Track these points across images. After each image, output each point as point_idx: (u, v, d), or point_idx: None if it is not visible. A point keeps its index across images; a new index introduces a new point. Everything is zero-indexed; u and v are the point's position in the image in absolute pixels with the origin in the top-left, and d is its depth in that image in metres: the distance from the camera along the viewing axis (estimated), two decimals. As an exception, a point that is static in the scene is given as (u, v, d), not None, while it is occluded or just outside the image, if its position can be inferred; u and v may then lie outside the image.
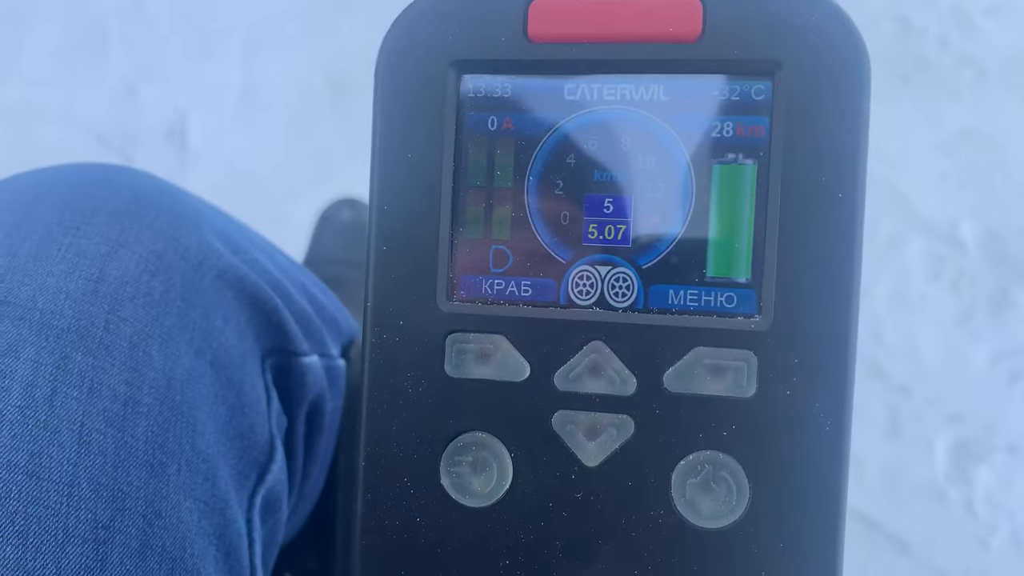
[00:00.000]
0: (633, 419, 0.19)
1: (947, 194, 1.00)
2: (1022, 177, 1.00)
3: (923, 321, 0.94)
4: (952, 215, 0.98)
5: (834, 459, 0.18)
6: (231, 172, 1.08)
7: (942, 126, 1.03)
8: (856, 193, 0.18)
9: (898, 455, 0.88)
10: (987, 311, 0.94)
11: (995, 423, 0.88)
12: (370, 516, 0.19)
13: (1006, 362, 0.91)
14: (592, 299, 0.19)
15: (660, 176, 0.19)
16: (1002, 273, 0.95)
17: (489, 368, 0.19)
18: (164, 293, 0.29)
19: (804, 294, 0.18)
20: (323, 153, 1.06)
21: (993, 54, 1.06)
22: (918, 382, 0.91)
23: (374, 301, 0.19)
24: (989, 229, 0.97)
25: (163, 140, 1.13)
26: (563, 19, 0.19)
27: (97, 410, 0.25)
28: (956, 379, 0.91)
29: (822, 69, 0.18)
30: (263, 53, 1.13)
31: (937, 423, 0.89)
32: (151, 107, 1.14)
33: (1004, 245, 0.96)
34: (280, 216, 0.97)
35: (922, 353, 0.92)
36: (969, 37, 1.08)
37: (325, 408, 0.37)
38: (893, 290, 0.95)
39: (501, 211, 0.20)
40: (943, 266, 0.96)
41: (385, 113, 0.20)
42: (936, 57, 1.07)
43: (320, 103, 1.08)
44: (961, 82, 1.05)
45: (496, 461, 0.19)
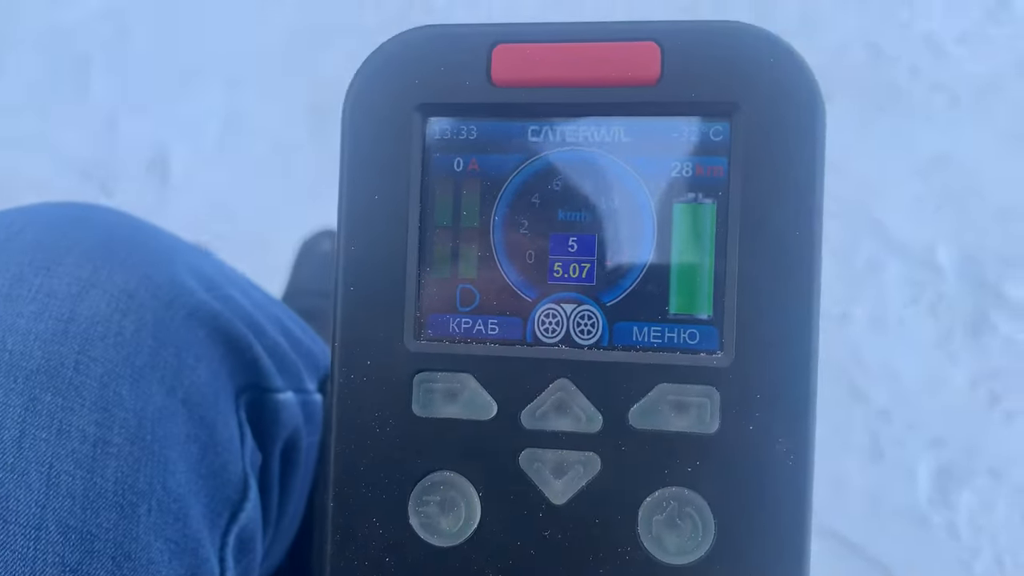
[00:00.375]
0: (599, 456, 0.19)
1: (923, 219, 1.01)
2: (995, 201, 1.01)
3: (902, 345, 0.94)
4: (928, 239, 0.99)
5: (798, 493, 0.18)
6: (213, 204, 1.08)
7: (916, 152, 1.05)
8: (813, 230, 0.18)
9: (880, 479, 0.89)
10: (965, 334, 0.95)
11: (976, 446, 0.89)
12: (339, 557, 0.19)
13: (985, 385, 0.92)
14: (558, 337, 0.19)
15: (623, 215, 0.19)
16: (979, 296, 0.96)
17: (456, 407, 0.19)
18: (135, 332, 0.29)
19: (764, 330, 0.18)
20: (304, 185, 1.06)
21: (965, 81, 1.08)
22: (899, 406, 0.91)
23: (342, 341, 0.20)
24: (965, 253, 0.98)
25: (144, 172, 1.13)
26: (525, 63, 0.19)
27: (66, 451, 0.25)
28: (937, 403, 0.91)
29: (777, 110, 0.18)
30: (245, 85, 1.14)
31: (919, 447, 0.89)
32: (133, 139, 1.14)
33: (980, 269, 0.98)
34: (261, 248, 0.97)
35: (902, 377, 0.93)
36: (941, 64, 1.10)
37: (301, 444, 0.37)
38: (872, 314, 0.96)
39: (468, 251, 0.20)
40: (921, 290, 0.97)
41: (352, 155, 0.20)
42: (909, 84, 1.09)
43: (301, 135, 1.08)
44: (934, 108, 1.07)
45: (464, 500, 0.19)
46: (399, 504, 0.19)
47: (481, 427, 0.19)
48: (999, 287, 0.96)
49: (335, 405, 0.20)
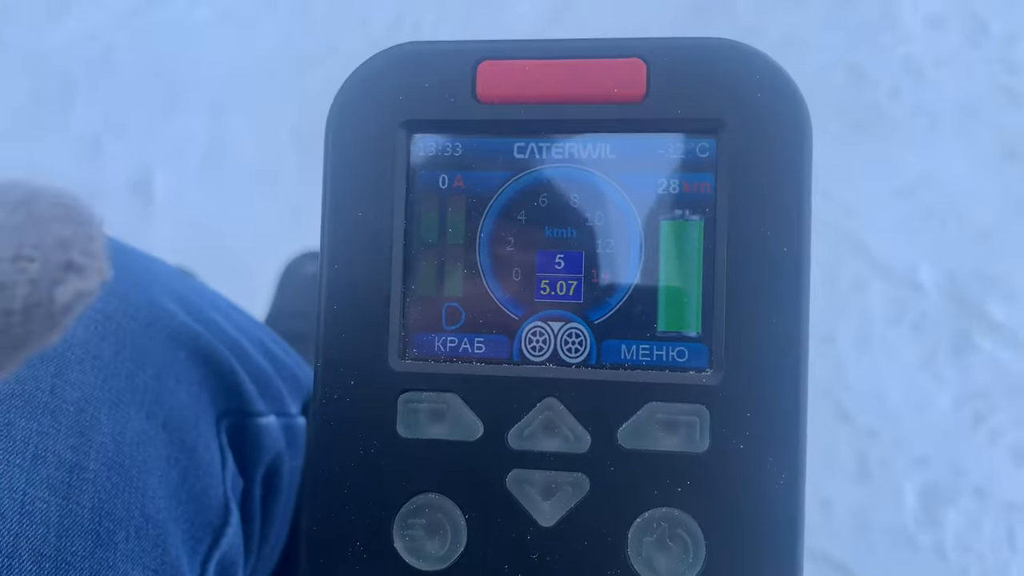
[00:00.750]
0: (588, 477, 0.18)
1: (905, 239, 1.01)
2: (975, 222, 1.02)
3: (887, 365, 0.95)
4: (911, 260, 1.00)
5: (790, 513, 0.18)
6: (196, 227, 1.08)
7: (898, 173, 1.06)
8: (801, 246, 0.18)
9: (867, 499, 0.89)
10: (949, 354, 0.95)
11: (962, 466, 0.89)
12: None
13: (970, 404, 0.92)
14: (545, 355, 0.19)
15: (609, 232, 0.19)
16: (962, 316, 0.97)
17: (442, 428, 0.19)
18: (114, 355, 0.28)
19: (754, 347, 0.18)
20: (289, 207, 1.06)
21: (944, 103, 1.10)
22: (884, 425, 0.91)
23: (325, 360, 0.19)
24: (947, 273, 0.99)
25: (128, 194, 1.12)
26: (511, 80, 0.19)
27: (41, 477, 0.25)
28: (922, 422, 0.91)
29: (764, 126, 0.18)
30: (230, 108, 1.13)
31: (905, 467, 0.89)
32: (116, 161, 1.13)
33: (962, 288, 0.98)
34: (245, 270, 0.97)
35: (887, 396, 0.93)
36: (921, 87, 1.11)
37: (283, 469, 0.37)
38: (856, 334, 0.96)
39: (453, 268, 0.20)
40: (904, 310, 0.97)
41: (336, 172, 0.20)
42: (890, 106, 1.10)
43: (286, 158, 1.08)
44: (915, 130, 1.08)
45: (450, 523, 0.19)
46: (383, 527, 0.19)
47: (467, 448, 0.19)
48: (981, 306, 0.97)
49: (317, 426, 0.19)
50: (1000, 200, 1.03)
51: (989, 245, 1.00)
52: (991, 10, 1.17)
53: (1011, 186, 1.04)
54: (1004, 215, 1.02)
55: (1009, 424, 0.90)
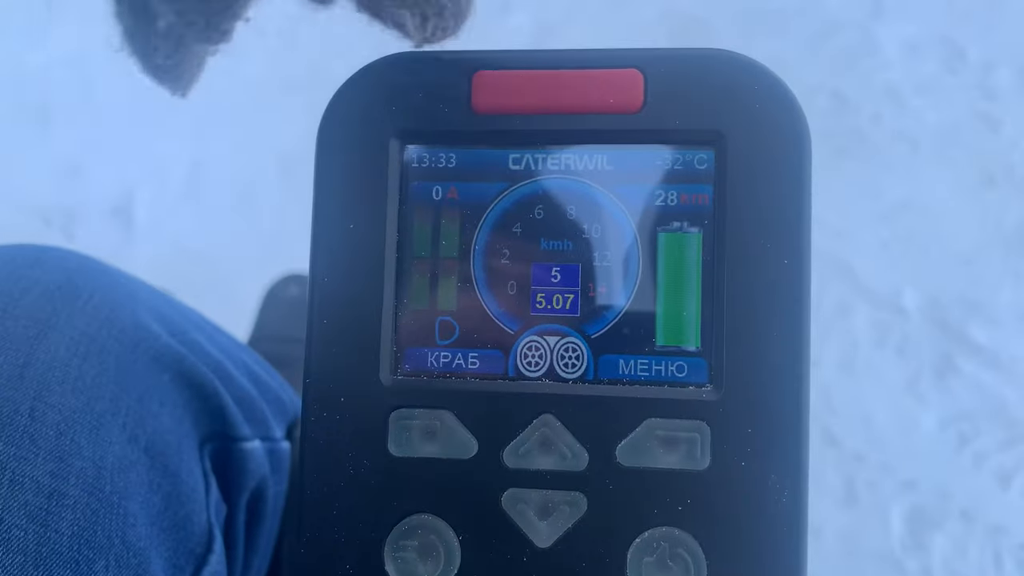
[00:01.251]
0: (586, 496, 0.18)
1: (889, 263, 1.02)
2: (956, 246, 1.03)
3: (872, 388, 0.95)
4: (895, 283, 1.01)
5: (793, 531, 0.17)
6: (177, 249, 1.07)
7: (881, 198, 1.07)
8: (802, 259, 0.18)
9: (854, 523, 0.88)
10: (933, 376, 0.96)
11: (948, 489, 0.89)
12: None
13: (954, 427, 0.92)
14: (541, 370, 0.19)
15: (607, 244, 0.19)
16: (944, 339, 0.98)
17: (435, 446, 0.18)
18: (96, 377, 0.27)
19: (755, 361, 0.18)
20: (271, 231, 1.05)
21: (925, 129, 1.11)
22: (871, 449, 0.91)
23: (314, 377, 0.19)
24: (930, 296, 1.00)
25: (109, 217, 1.11)
26: (507, 90, 0.19)
27: (18, 504, 0.24)
28: (907, 445, 0.91)
29: (763, 138, 0.18)
30: (212, 130, 1.13)
31: (892, 490, 0.89)
32: (97, 184, 1.12)
33: (944, 312, 0.99)
34: (226, 293, 0.96)
35: (873, 419, 0.93)
36: (902, 113, 1.13)
37: (267, 495, 0.36)
38: (841, 357, 0.97)
39: (447, 281, 0.19)
40: (888, 333, 0.98)
41: (326, 182, 0.19)
42: (871, 131, 1.12)
43: (269, 181, 1.07)
44: (896, 155, 1.10)
45: (443, 544, 0.18)
46: (375, 549, 0.18)
47: (461, 466, 0.18)
48: (963, 330, 0.97)
49: (306, 444, 0.19)
50: (980, 225, 1.05)
51: (970, 269, 1.01)
52: (968, 37, 1.19)
53: (990, 211, 1.05)
54: (985, 240, 1.03)
55: (993, 447, 0.91)
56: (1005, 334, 0.97)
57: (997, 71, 1.15)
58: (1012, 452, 0.90)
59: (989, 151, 1.09)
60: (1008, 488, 0.88)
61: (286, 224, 1.03)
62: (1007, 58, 1.15)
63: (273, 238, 1.03)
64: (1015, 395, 0.93)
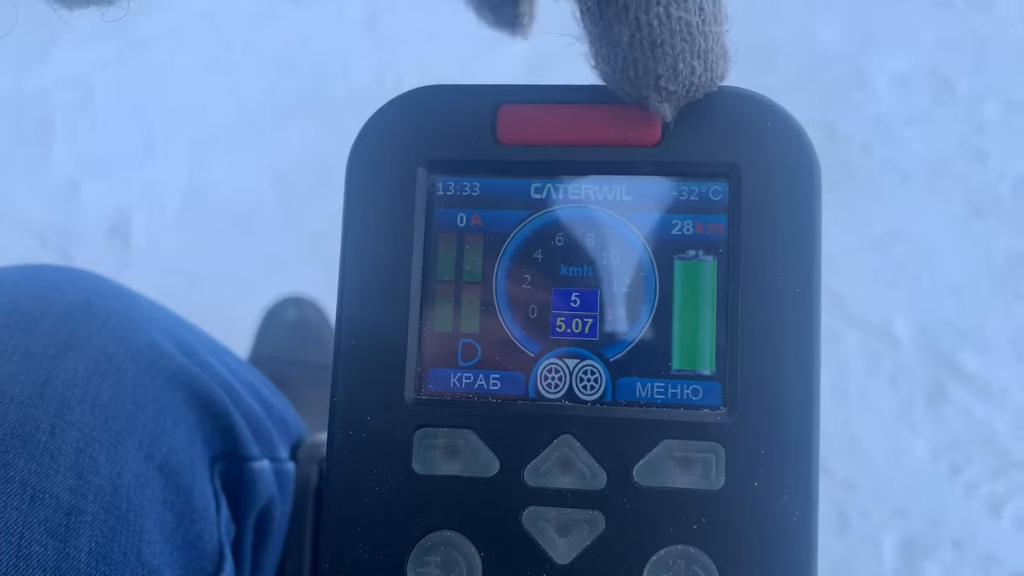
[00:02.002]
0: (604, 514, 0.18)
1: (879, 292, 1.03)
2: (946, 275, 1.04)
3: (864, 416, 0.95)
4: (886, 312, 1.01)
5: (804, 549, 0.18)
6: (174, 271, 1.07)
7: (871, 228, 1.08)
8: (812, 287, 0.18)
9: (847, 551, 0.88)
10: (925, 405, 0.96)
11: (939, 517, 0.89)
12: None
13: (946, 455, 0.93)
14: (561, 392, 0.19)
15: (624, 271, 0.19)
16: (936, 368, 0.98)
17: (457, 464, 0.19)
18: (113, 396, 0.28)
19: (768, 385, 0.18)
20: (268, 253, 1.06)
21: (914, 160, 1.13)
22: (862, 477, 0.92)
23: (341, 396, 0.19)
24: (921, 325, 1.01)
25: (105, 238, 1.11)
26: (530, 123, 0.19)
27: (38, 520, 0.24)
28: (899, 473, 0.92)
29: (775, 171, 0.19)
30: (210, 152, 1.14)
31: (883, 518, 0.89)
32: (93, 204, 1.12)
33: (936, 340, 1.00)
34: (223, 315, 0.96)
35: (865, 448, 0.93)
36: (891, 144, 1.14)
37: (275, 515, 0.36)
38: (833, 386, 0.97)
39: (470, 305, 0.20)
40: (880, 361, 0.99)
41: (355, 208, 0.20)
42: (861, 163, 1.13)
43: (266, 203, 1.08)
44: (886, 186, 1.11)
45: (465, 561, 0.19)
46: (397, 565, 0.19)
47: (483, 484, 0.19)
48: (954, 358, 0.98)
49: (331, 462, 0.19)
50: (970, 256, 1.06)
51: (960, 299, 1.02)
52: (957, 71, 1.21)
53: (979, 242, 1.06)
54: (974, 270, 1.05)
55: (984, 475, 0.91)
56: (995, 363, 0.97)
57: (985, 104, 1.17)
58: (1003, 481, 0.91)
59: (978, 182, 1.10)
60: (999, 517, 0.89)
61: (283, 247, 1.04)
62: (995, 91, 1.17)
63: (270, 260, 1.04)
64: (1006, 424, 0.94)
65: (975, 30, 1.26)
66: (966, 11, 1.28)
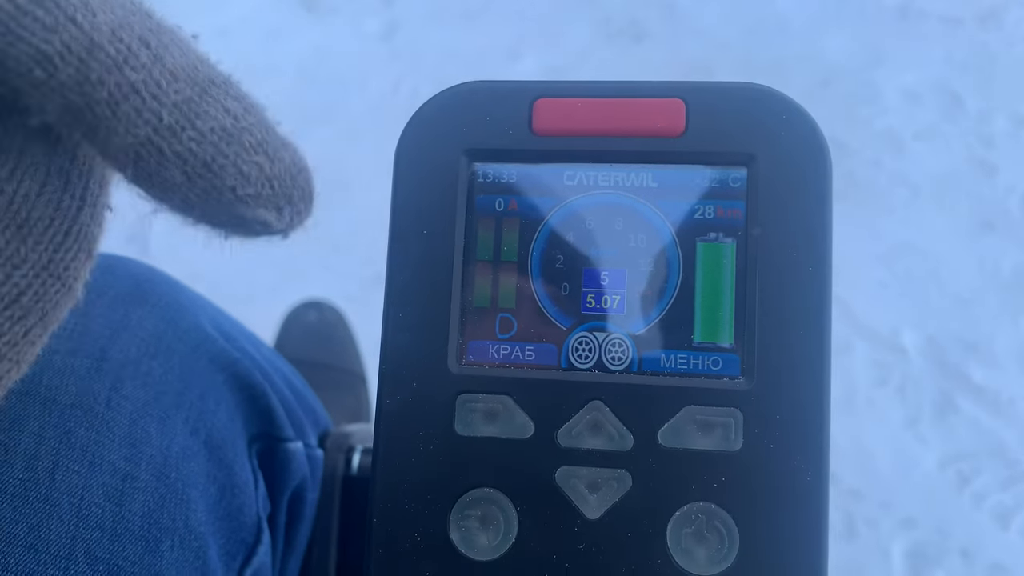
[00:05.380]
0: (631, 473, 0.20)
1: (888, 303, 1.04)
2: (954, 287, 1.05)
3: (872, 426, 0.96)
4: (894, 323, 1.02)
5: (816, 506, 0.19)
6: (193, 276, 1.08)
7: (880, 240, 1.09)
8: (824, 266, 0.20)
9: (855, 559, 0.89)
10: (933, 416, 0.97)
11: (947, 527, 0.89)
12: (381, 570, 0.20)
13: (954, 466, 0.93)
14: (591, 362, 0.21)
15: (650, 252, 0.21)
16: (943, 379, 0.99)
17: (496, 427, 0.21)
18: (163, 374, 0.30)
19: (783, 356, 0.20)
20: (286, 258, 1.07)
21: (923, 174, 1.14)
22: (871, 486, 0.92)
23: (389, 364, 0.21)
24: (929, 336, 1.01)
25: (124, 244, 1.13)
26: (565, 115, 0.21)
27: (97, 484, 0.26)
28: (907, 483, 0.92)
29: (790, 160, 0.21)
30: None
31: (891, 527, 0.90)
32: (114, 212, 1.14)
33: (943, 352, 1.00)
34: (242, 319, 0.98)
35: (873, 457, 0.94)
36: (901, 158, 1.15)
37: (307, 496, 0.38)
38: (841, 395, 0.98)
39: (507, 283, 0.21)
40: (888, 372, 0.99)
41: (402, 193, 0.22)
42: (871, 176, 1.14)
43: (285, 211, 1.09)
44: (895, 199, 1.12)
45: (503, 515, 0.20)
46: (440, 519, 0.20)
47: (519, 446, 0.20)
48: (962, 370, 0.99)
49: (379, 426, 0.21)
50: (978, 268, 1.06)
51: (969, 311, 1.03)
52: (967, 87, 1.22)
53: (988, 255, 1.07)
54: (982, 283, 1.05)
55: (992, 486, 0.92)
56: (1003, 375, 0.98)
57: (994, 119, 1.18)
58: (1011, 491, 0.91)
59: (986, 196, 1.11)
60: (1007, 527, 0.89)
61: (302, 252, 1.05)
62: (1004, 107, 1.18)
63: (287, 269, 1.06)
64: (1014, 435, 0.94)
65: (984, 46, 1.27)
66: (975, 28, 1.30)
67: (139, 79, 0.14)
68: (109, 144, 0.15)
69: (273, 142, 0.16)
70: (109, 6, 0.14)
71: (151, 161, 0.15)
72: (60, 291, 0.15)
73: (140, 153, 0.15)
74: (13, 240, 0.14)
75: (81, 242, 0.16)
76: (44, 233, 0.15)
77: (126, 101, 0.14)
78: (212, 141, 0.15)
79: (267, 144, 0.16)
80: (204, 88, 0.15)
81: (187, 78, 0.15)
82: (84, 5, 0.14)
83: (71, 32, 0.13)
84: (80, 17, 0.14)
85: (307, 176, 0.16)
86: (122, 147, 0.15)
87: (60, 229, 0.15)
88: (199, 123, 0.15)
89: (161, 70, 0.15)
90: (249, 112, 0.16)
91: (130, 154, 0.15)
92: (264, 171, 0.16)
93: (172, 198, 0.15)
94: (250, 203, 0.15)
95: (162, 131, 0.15)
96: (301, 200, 0.16)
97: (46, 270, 0.15)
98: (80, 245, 0.16)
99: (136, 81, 0.14)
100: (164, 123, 0.15)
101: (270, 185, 0.16)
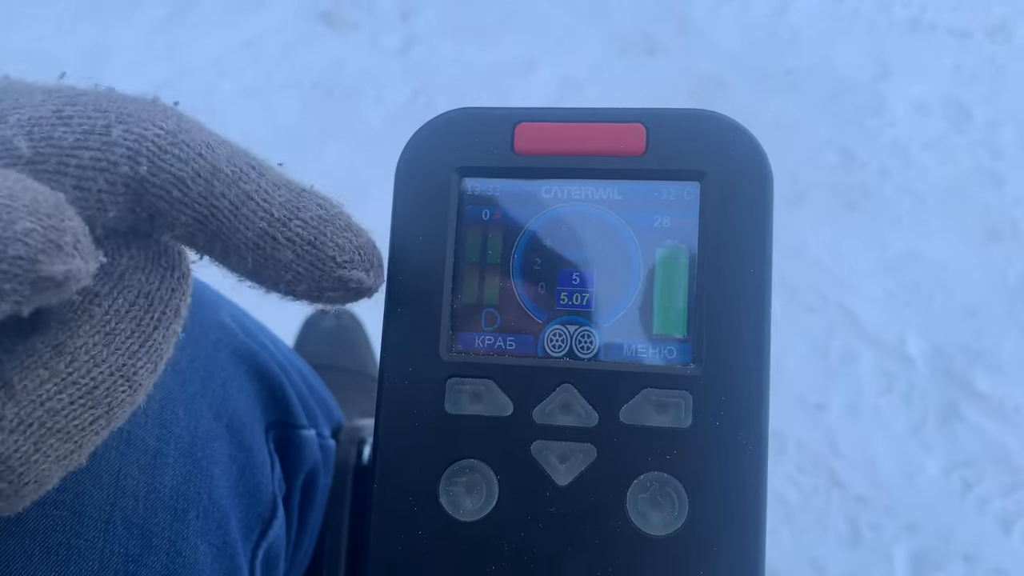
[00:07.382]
0: (596, 446, 0.23)
1: (894, 312, 1.05)
2: (960, 296, 1.06)
3: (878, 433, 0.97)
4: (900, 332, 1.03)
5: (755, 476, 0.22)
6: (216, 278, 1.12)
7: (887, 249, 1.10)
8: (764, 268, 0.23)
9: (859, 564, 0.90)
10: (937, 423, 0.97)
11: (950, 533, 0.89)
12: (381, 528, 0.24)
13: (958, 472, 0.93)
14: (563, 351, 0.24)
15: (615, 256, 0.24)
16: (948, 387, 0.99)
17: (480, 406, 0.24)
18: (189, 363, 0.33)
19: (728, 346, 0.23)
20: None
21: (930, 184, 1.15)
22: (875, 492, 0.92)
23: (389, 352, 0.24)
24: (935, 345, 1.02)
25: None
26: (542, 137, 0.25)
27: (132, 459, 0.29)
28: (911, 489, 0.93)
29: (737, 176, 0.24)
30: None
31: (895, 532, 0.90)
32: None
33: (949, 360, 1.01)
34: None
35: (878, 463, 0.94)
36: (908, 168, 1.17)
37: (319, 482, 0.41)
38: (847, 403, 0.99)
39: (492, 282, 0.25)
40: (894, 380, 1.00)
41: (401, 205, 0.25)
42: (879, 186, 1.16)
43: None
44: (902, 209, 1.14)
45: (485, 482, 0.23)
46: (431, 486, 0.24)
47: (500, 422, 0.24)
48: (967, 378, 0.99)
49: (380, 405, 0.24)
50: (984, 278, 1.07)
51: (974, 320, 1.04)
52: (975, 98, 1.23)
53: (994, 265, 1.08)
54: (988, 292, 1.06)
55: (996, 492, 0.92)
56: (1008, 383, 0.98)
57: (1002, 130, 1.19)
58: (1014, 498, 0.91)
59: (994, 207, 1.13)
60: (1010, 533, 0.90)
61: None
62: (1012, 118, 1.20)
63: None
64: (1018, 442, 0.95)
65: (992, 58, 1.29)
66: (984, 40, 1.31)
67: (251, 189, 0.19)
68: (232, 240, 0.19)
69: (354, 224, 0.21)
70: (224, 145, 0.20)
71: (267, 248, 0.19)
72: (126, 391, 0.19)
73: (258, 243, 0.19)
74: (99, 343, 0.18)
75: (151, 355, 0.20)
76: (124, 342, 0.19)
77: (244, 205, 0.19)
78: (314, 225, 0.20)
79: (352, 225, 0.20)
80: (300, 191, 0.20)
81: (286, 185, 0.20)
82: (207, 145, 0.19)
83: (199, 163, 0.19)
84: (205, 151, 0.19)
85: (378, 250, 0.21)
86: (245, 240, 0.19)
87: (137, 341, 0.19)
88: (302, 214, 0.20)
89: (266, 182, 0.20)
90: (334, 205, 0.20)
91: (251, 245, 0.19)
92: (353, 243, 0.20)
93: (285, 275, 0.20)
94: (347, 267, 0.20)
95: (274, 223, 0.19)
96: (380, 265, 0.21)
97: (119, 371, 0.19)
98: (150, 357, 0.20)
99: (250, 191, 0.19)
100: (276, 217, 0.19)
101: (359, 253, 0.20)
